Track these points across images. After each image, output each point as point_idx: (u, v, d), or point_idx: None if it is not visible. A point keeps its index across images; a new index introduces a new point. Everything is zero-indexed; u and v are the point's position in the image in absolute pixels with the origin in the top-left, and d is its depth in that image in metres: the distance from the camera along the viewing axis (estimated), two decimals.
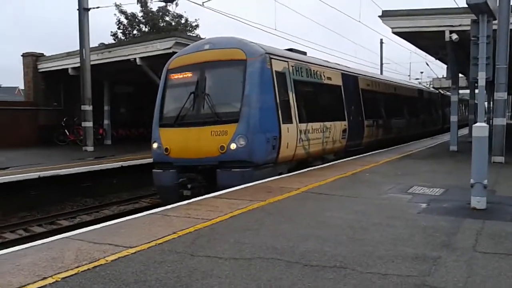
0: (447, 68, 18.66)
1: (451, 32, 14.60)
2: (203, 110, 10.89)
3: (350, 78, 16.65)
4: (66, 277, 4.24)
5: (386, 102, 20.68)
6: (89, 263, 4.60)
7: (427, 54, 22.75)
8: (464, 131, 25.90)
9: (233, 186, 9.15)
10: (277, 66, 11.67)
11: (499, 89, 12.79)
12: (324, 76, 14.52)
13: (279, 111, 11.28)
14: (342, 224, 6.18)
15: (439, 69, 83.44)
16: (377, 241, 5.38)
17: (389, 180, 9.92)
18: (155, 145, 11.33)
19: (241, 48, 11.02)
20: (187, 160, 10.71)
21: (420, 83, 41.31)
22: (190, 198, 8.42)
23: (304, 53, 14.87)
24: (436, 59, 23.26)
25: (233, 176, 10.11)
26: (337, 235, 5.65)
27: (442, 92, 34.68)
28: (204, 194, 8.65)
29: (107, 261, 4.67)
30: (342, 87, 15.73)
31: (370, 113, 17.85)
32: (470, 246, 5.18)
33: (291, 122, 11.86)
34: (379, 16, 15.58)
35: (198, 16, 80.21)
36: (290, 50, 13.96)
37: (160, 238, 5.46)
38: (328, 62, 16.16)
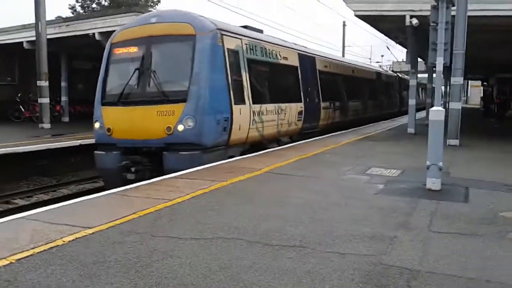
0: (407, 52, 19.04)
1: (411, 17, 14.85)
2: (149, 88, 10.23)
3: (307, 59, 16.28)
4: (21, 258, 4.13)
5: (343, 84, 20.45)
6: (45, 244, 4.49)
7: (388, 38, 23.07)
8: (422, 114, 26.58)
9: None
10: (230, 43, 11.09)
11: (456, 74, 13.15)
12: (280, 56, 14.10)
13: (231, 91, 10.79)
14: (303, 204, 6.27)
15: (399, 52, 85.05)
16: (336, 221, 5.48)
17: (348, 161, 10.10)
18: (96, 125, 10.61)
19: (191, 23, 10.34)
20: (131, 141, 10.07)
21: (380, 66, 41.99)
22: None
23: (260, 31, 14.31)
24: (396, 43, 23.68)
25: (181, 159, 9.63)
26: (298, 215, 5.73)
27: (400, 75, 35.03)
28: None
29: (64, 242, 4.57)
30: (298, 68, 15.35)
31: (327, 95, 17.56)
32: (425, 226, 5.36)
33: (244, 103, 11.42)
34: None
35: None
36: (245, 27, 13.36)
37: (120, 219, 5.38)
38: (285, 41, 15.71)
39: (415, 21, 14.74)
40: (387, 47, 44.23)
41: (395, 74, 34.08)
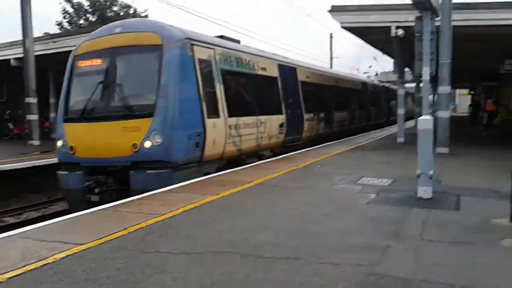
0: (394, 62, 19.23)
1: (397, 27, 15.03)
2: (113, 102, 9.66)
3: (287, 69, 15.79)
4: (12, 277, 4.07)
5: (327, 95, 20.14)
6: (37, 261, 4.44)
7: (375, 49, 23.31)
8: (411, 123, 26.77)
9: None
10: (201, 53, 10.48)
11: (443, 83, 13.30)
12: (258, 67, 13.54)
13: (203, 104, 10.16)
14: (295, 216, 6.26)
15: (387, 63, 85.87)
16: (329, 232, 5.48)
17: (340, 171, 10.13)
18: (59, 143, 9.98)
19: (157, 32, 9.76)
20: (95, 160, 9.42)
21: (368, 77, 42.34)
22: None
23: (237, 41, 13.80)
24: (383, 53, 23.93)
25: (148, 178, 8.97)
26: (291, 227, 5.72)
27: (387, 85, 34.82)
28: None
29: (55, 259, 4.52)
30: (278, 79, 14.81)
31: (310, 106, 17.13)
32: (417, 234, 5.38)
33: (218, 116, 10.81)
34: (328, 11, 15.80)
35: (147, 7, 78.70)
36: (221, 37, 12.88)
37: (111, 235, 5.33)
38: (263, 51, 15.08)
39: (400, 32, 14.91)
40: (374, 58, 44.72)
41: (382, 84, 33.98)
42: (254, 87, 13.40)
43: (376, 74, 38.47)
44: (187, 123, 9.71)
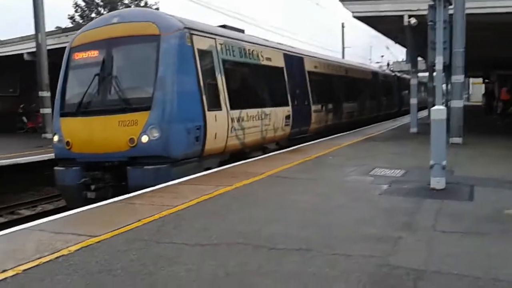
0: (407, 51, 19.06)
1: (409, 16, 14.86)
2: (110, 95, 9.28)
3: (294, 59, 15.24)
4: (27, 269, 4.14)
5: (336, 85, 19.67)
6: (51, 253, 4.50)
7: (387, 38, 23.09)
8: (424, 113, 26.51)
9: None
10: (201, 43, 10.11)
11: (456, 72, 13.13)
12: (263, 57, 13.04)
13: (204, 96, 9.79)
14: (307, 207, 6.26)
15: (400, 52, 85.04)
16: (342, 223, 5.48)
17: (352, 162, 10.09)
18: (55, 138, 9.72)
19: (154, 22, 9.39)
20: (92, 155, 9.09)
21: (381, 67, 41.97)
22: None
23: (241, 31, 13.33)
24: (396, 43, 23.70)
25: (146, 174, 8.65)
26: (303, 218, 5.73)
27: (398, 74, 34.12)
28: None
29: (70, 251, 4.58)
30: (284, 69, 14.32)
31: (318, 97, 16.61)
32: (430, 225, 5.35)
33: (220, 109, 10.45)
34: (340, 0, 15.67)
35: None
36: (223, 26, 12.43)
37: (125, 226, 5.39)
38: (268, 41, 14.59)
39: (413, 20, 14.73)
40: (387, 47, 44.30)
41: (393, 73, 33.19)
42: (258, 78, 13.05)
43: (388, 65, 37.88)
44: (186, 116, 9.37)
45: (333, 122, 18.45)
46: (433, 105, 7.76)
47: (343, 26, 50.01)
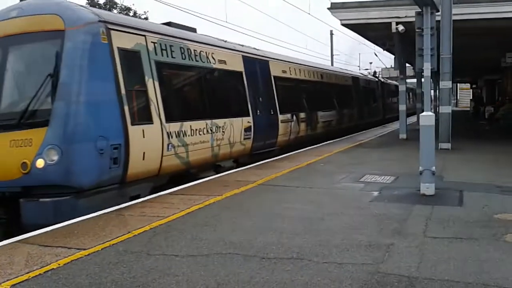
0: (395, 58, 19.20)
1: (397, 23, 15.01)
2: (1, 108, 7.62)
3: (256, 63, 13.35)
4: (16, 283, 4.08)
5: (310, 92, 17.79)
6: (41, 268, 4.45)
7: (375, 45, 23.28)
8: (412, 119, 26.66)
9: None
10: (123, 41, 8.24)
11: (444, 78, 13.28)
12: (214, 59, 11.06)
13: (126, 107, 7.87)
14: (299, 215, 6.26)
15: (388, 59, 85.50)
16: (332, 231, 5.48)
17: (342, 169, 10.12)
18: None
19: (59, 14, 7.55)
20: None
21: (369, 73, 42.23)
22: None
23: (192, 30, 11.43)
24: (384, 50, 23.90)
25: (42, 209, 6.87)
26: (294, 226, 5.72)
27: (382, 79, 31.82)
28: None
29: (59, 264, 4.53)
30: (244, 74, 12.40)
31: (287, 106, 14.82)
32: (420, 231, 5.37)
33: (151, 122, 8.51)
34: (328, 9, 15.80)
35: (147, 9, 78.81)
36: (168, 24, 10.57)
37: (115, 238, 5.34)
38: (225, 41, 12.47)
39: (401, 27, 14.90)
40: (375, 54, 44.58)
41: (376, 79, 30.87)
42: (208, 84, 11.10)
43: (375, 73, 37.50)
44: (98, 132, 7.40)
45: (307, 133, 16.60)
46: (422, 111, 7.81)
47: (331, 34, 50.36)
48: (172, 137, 9.03)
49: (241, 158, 11.97)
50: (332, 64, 40.74)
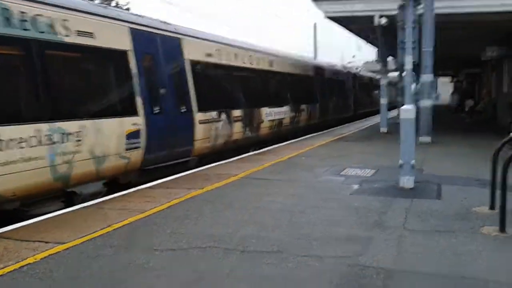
0: (377, 51, 19.30)
1: (380, 16, 15.04)
2: None
3: (158, 40, 9.72)
4: None
5: (253, 83, 14.46)
6: (16, 262, 4.37)
7: (359, 38, 23.32)
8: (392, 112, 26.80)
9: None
10: None
11: (426, 71, 13.38)
12: (69, 30, 7.48)
13: None
14: (280, 208, 6.27)
15: (371, 52, 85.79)
16: (313, 224, 5.50)
17: (324, 163, 10.16)
18: None
19: None
20: None
21: (356, 68, 42.23)
22: None
23: None
24: (367, 42, 23.98)
25: None
26: (275, 219, 5.72)
27: (354, 71, 29.15)
28: None
29: (36, 259, 4.46)
30: (131, 54, 8.81)
31: (212, 101, 11.61)
32: (399, 224, 5.42)
33: None
34: (312, 0, 15.74)
35: (143, 8, 77.83)
36: None
37: (94, 232, 5.28)
38: (97, 6, 9.75)
39: (384, 20, 14.92)
40: (358, 48, 44.69)
41: (347, 71, 27.58)
42: (49, 66, 7.32)
43: (356, 68, 36.99)
44: None
45: (245, 135, 13.21)
46: (403, 105, 7.87)
47: (315, 27, 50.34)
48: None
49: (123, 176, 8.63)
50: (315, 57, 40.45)
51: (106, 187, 8.41)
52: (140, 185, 8.15)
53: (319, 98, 20.48)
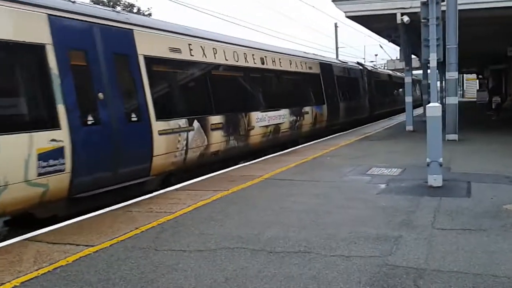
0: (400, 50, 19.07)
1: (402, 14, 14.88)
2: None
3: (98, 32, 7.65)
4: (25, 281, 4.11)
5: (238, 84, 12.39)
6: (49, 265, 4.47)
7: (380, 37, 23.11)
8: (419, 110, 26.42)
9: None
10: None
11: (450, 69, 13.16)
12: None
13: None
14: (305, 209, 6.25)
15: (393, 50, 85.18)
16: (340, 224, 5.47)
17: (349, 162, 10.08)
18: None
19: None
20: None
21: (375, 65, 41.86)
22: None
23: None
24: (389, 41, 23.75)
25: None
26: (301, 220, 5.71)
27: (369, 68, 26.70)
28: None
29: (68, 261, 4.55)
30: (51, 50, 6.75)
31: (180, 106, 9.78)
32: (428, 223, 5.34)
33: None
34: (332, 1, 15.69)
35: (150, 5, 78.83)
36: None
37: (123, 235, 5.36)
38: None
39: (406, 18, 14.76)
40: (380, 46, 44.38)
41: (360, 67, 24.80)
42: None
43: (375, 66, 36.51)
44: None
45: (229, 146, 11.04)
46: (429, 102, 7.76)
47: (336, 26, 50.08)
48: None
49: (40, 210, 6.64)
50: (337, 57, 40.06)
51: (7, 226, 6.63)
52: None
53: (327, 98, 18.05)
